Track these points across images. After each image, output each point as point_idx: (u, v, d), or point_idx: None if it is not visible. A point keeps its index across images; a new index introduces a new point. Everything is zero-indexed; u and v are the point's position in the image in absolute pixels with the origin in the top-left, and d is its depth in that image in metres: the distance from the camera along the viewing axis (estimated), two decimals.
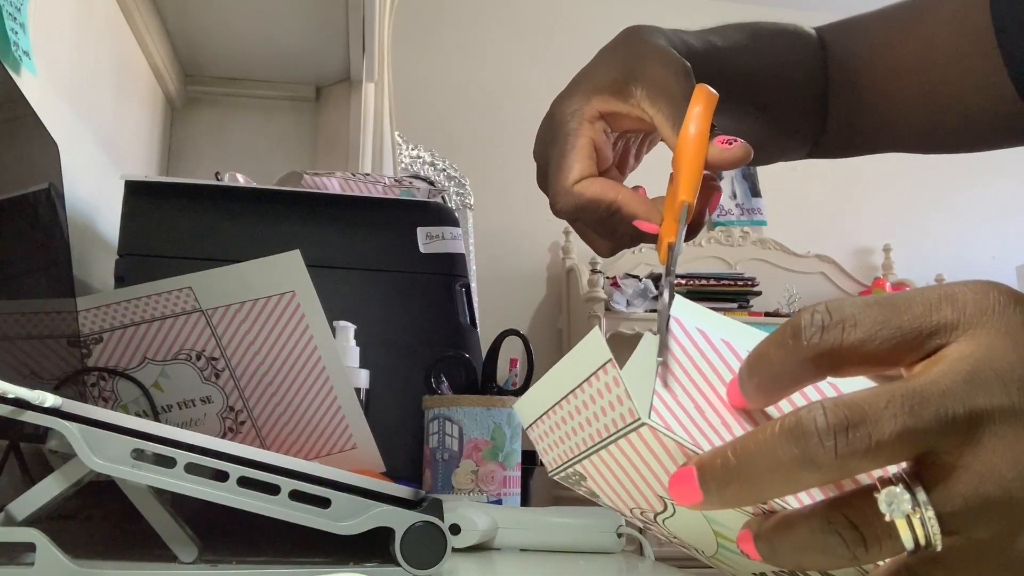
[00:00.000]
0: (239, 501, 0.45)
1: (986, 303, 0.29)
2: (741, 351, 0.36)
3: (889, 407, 0.27)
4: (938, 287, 0.29)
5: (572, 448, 0.36)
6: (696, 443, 0.31)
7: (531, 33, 3.41)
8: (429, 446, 0.80)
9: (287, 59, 1.53)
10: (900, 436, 0.26)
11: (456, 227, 1.00)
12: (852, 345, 0.29)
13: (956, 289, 0.29)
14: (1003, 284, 0.29)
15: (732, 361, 0.36)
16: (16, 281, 0.65)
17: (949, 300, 0.29)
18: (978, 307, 0.29)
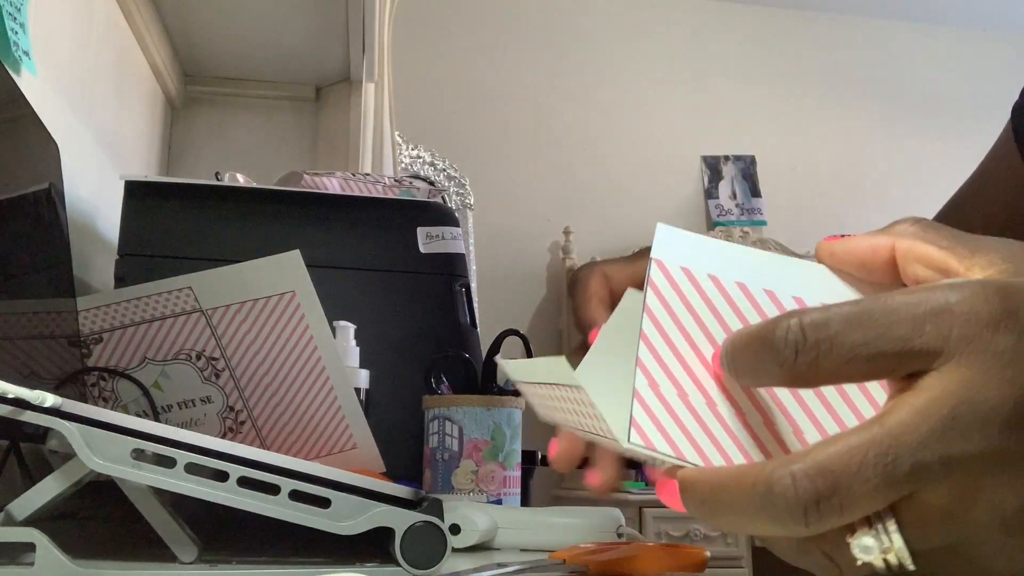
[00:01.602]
0: (239, 501, 0.45)
1: (975, 324, 0.27)
2: (728, 286, 0.34)
3: (862, 471, 0.26)
4: (931, 294, 0.27)
5: (562, 418, 0.36)
6: (681, 455, 0.31)
7: (531, 33, 3.41)
8: (429, 446, 0.80)
9: (287, 59, 1.53)
10: (872, 497, 0.26)
11: (456, 227, 1.00)
12: (827, 370, 0.28)
13: (947, 300, 0.27)
14: (999, 289, 0.27)
15: (719, 302, 0.34)
16: (16, 281, 0.65)
17: (936, 318, 0.27)
18: (965, 331, 0.27)
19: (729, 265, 0.35)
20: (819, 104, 3.53)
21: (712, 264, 0.35)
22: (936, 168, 3.44)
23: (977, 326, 0.26)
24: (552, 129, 3.32)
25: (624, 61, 3.42)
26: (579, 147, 3.30)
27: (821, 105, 3.53)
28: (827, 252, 0.35)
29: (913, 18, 3.64)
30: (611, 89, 3.39)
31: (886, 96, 3.59)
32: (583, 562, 0.50)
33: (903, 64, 3.64)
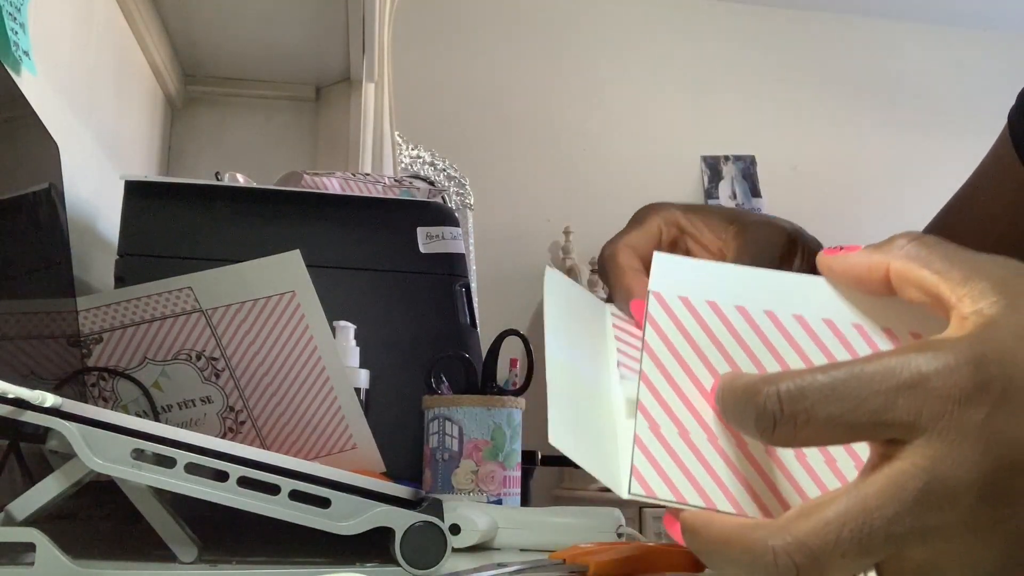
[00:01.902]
0: (239, 501, 0.45)
1: (946, 401, 0.27)
2: (728, 311, 0.34)
3: (839, 546, 0.27)
4: (906, 363, 0.28)
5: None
6: (682, 499, 0.32)
7: (531, 33, 3.41)
8: (429, 446, 0.80)
9: (287, 59, 1.53)
10: (850, 567, 0.28)
11: (456, 227, 1.00)
12: (805, 437, 0.29)
13: (920, 372, 0.27)
14: (973, 360, 0.27)
15: (718, 330, 0.34)
16: (16, 281, 0.65)
17: (909, 391, 0.27)
18: (935, 408, 0.27)
19: (728, 289, 0.35)
20: (819, 104, 3.53)
21: (710, 290, 0.35)
22: (936, 168, 3.44)
23: (948, 403, 0.27)
24: (552, 129, 3.32)
25: (624, 61, 3.43)
26: (579, 147, 3.30)
27: (821, 105, 3.53)
28: (826, 267, 0.35)
29: (913, 18, 3.64)
30: (611, 89, 3.39)
31: (886, 96, 3.59)
32: (583, 562, 0.50)
33: (903, 64, 3.64)
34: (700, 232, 0.48)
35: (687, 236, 0.49)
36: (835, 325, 0.34)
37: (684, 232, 0.49)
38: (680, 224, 0.49)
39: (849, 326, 0.34)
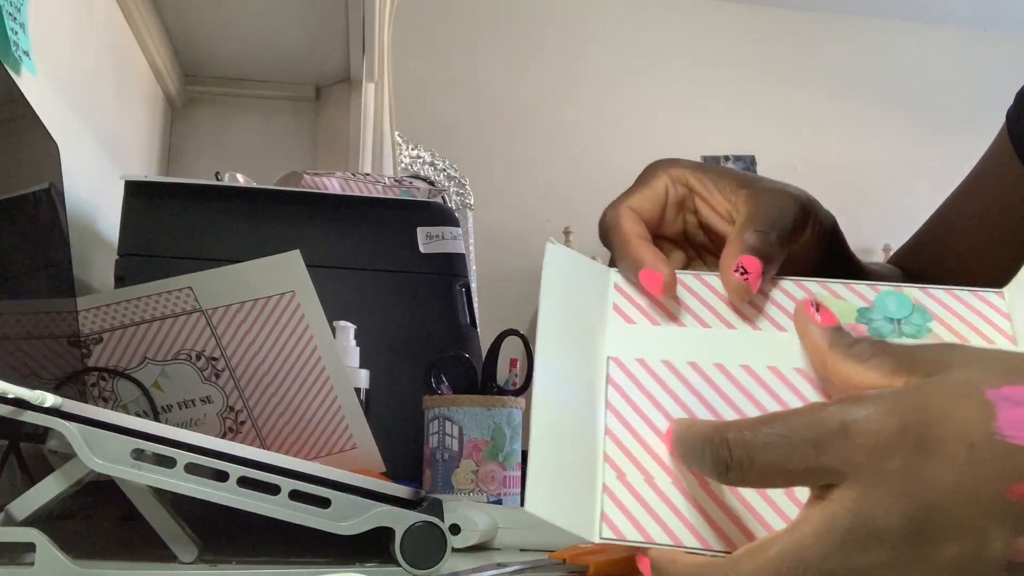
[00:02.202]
0: (239, 501, 0.45)
1: (866, 450, 0.29)
2: (681, 366, 0.38)
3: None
4: (833, 414, 0.30)
5: None
6: (650, 539, 0.35)
7: (532, 33, 3.41)
8: (429, 446, 0.80)
9: (287, 59, 1.53)
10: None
11: (456, 227, 1.00)
12: (752, 481, 0.31)
13: (843, 422, 0.29)
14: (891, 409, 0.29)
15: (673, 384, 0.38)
16: (16, 281, 0.65)
17: (835, 439, 0.29)
18: (857, 456, 0.29)
19: (680, 347, 0.39)
20: (819, 104, 3.53)
21: (665, 350, 0.39)
22: (936, 168, 3.44)
23: (869, 451, 0.29)
24: (552, 129, 3.32)
25: (624, 61, 3.43)
26: (579, 147, 3.30)
27: (821, 105, 3.53)
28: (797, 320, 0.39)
29: (913, 18, 3.64)
30: (611, 89, 3.39)
31: (886, 96, 3.59)
32: (583, 562, 0.50)
33: (903, 64, 3.64)
34: (710, 193, 0.46)
35: (696, 195, 0.46)
36: (779, 371, 0.38)
37: (693, 191, 0.46)
38: (689, 183, 0.46)
39: (792, 371, 0.38)
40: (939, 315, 0.40)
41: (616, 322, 0.41)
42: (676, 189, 0.46)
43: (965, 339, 0.39)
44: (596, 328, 0.40)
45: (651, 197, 0.46)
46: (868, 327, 0.40)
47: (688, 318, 0.40)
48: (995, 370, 0.30)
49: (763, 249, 0.41)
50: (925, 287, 0.41)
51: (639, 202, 0.45)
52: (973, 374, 0.30)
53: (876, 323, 0.40)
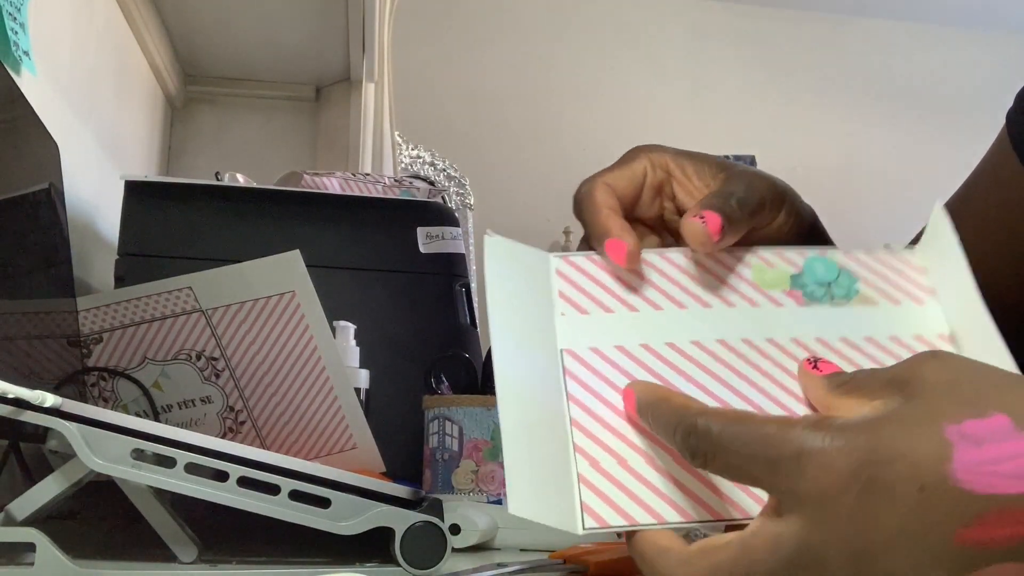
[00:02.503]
0: (239, 501, 0.45)
1: (821, 482, 0.29)
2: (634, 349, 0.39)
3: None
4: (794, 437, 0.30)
5: None
6: (634, 522, 0.35)
7: (531, 33, 3.41)
8: (429, 446, 0.80)
9: (287, 59, 1.53)
10: None
11: (456, 227, 1.00)
12: (716, 470, 0.32)
13: (804, 448, 0.30)
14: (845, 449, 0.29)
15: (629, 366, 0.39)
16: (16, 281, 0.65)
17: (795, 465, 0.30)
18: (810, 487, 0.29)
19: (632, 332, 0.40)
20: (819, 104, 3.53)
21: (616, 336, 0.40)
22: (936, 168, 3.44)
23: (819, 487, 0.29)
24: (552, 129, 3.32)
25: (624, 61, 3.43)
26: (579, 147, 3.30)
27: (821, 105, 3.53)
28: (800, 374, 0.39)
29: (913, 18, 3.64)
30: (611, 89, 3.39)
31: (886, 96, 3.59)
32: (583, 562, 0.50)
33: (903, 64, 3.64)
34: (688, 179, 0.46)
35: (674, 180, 0.47)
36: (728, 343, 0.40)
37: (672, 176, 0.47)
38: (669, 167, 0.46)
39: (739, 342, 0.40)
40: (864, 277, 0.42)
41: (565, 311, 0.41)
42: (655, 173, 0.46)
43: (892, 298, 0.41)
44: (545, 320, 0.41)
45: (628, 176, 0.46)
46: (803, 292, 0.41)
47: (637, 301, 0.41)
48: (962, 397, 0.30)
49: (724, 209, 0.41)
50: (848, 251, 0.43)
51: (615, 179, 0.45)
52: (938, 402, 0.30)
53: (809, 288, 0.42)
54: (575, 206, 0.45)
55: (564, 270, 0.42)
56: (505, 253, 0.42)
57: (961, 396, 0.30)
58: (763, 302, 0.41)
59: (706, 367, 0.39)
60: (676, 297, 0.41)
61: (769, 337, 0.40)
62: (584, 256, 0.43)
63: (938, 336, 0.40)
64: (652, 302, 0.41)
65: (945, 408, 0.29)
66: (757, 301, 0.41)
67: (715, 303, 0.41)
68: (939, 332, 0.40)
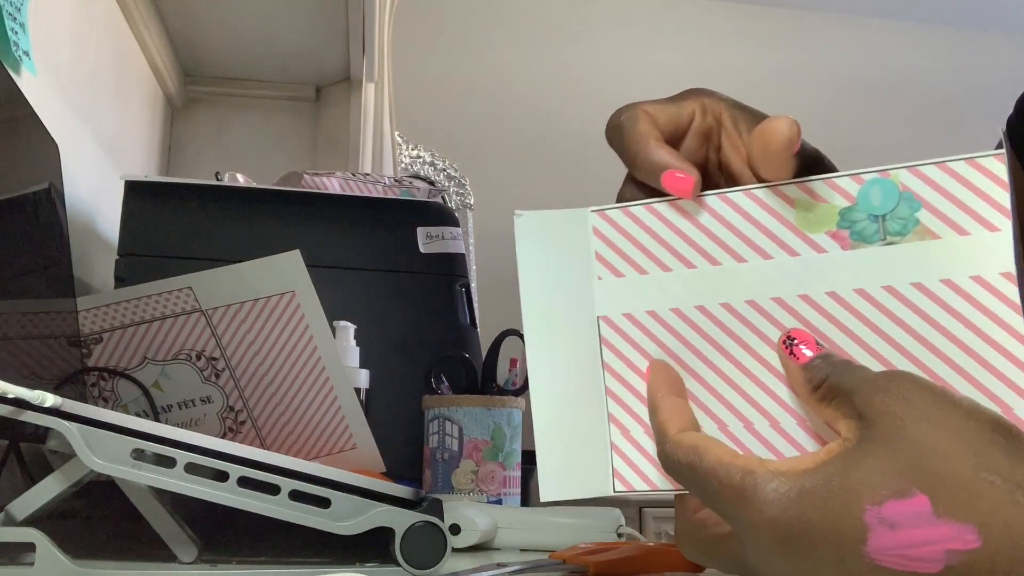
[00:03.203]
0: (239, 501, 0.45)
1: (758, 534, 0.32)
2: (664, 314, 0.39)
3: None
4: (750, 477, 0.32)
5: None
6: (655, 487, 0.37)
7: (532, 33, 3.41)
8: (429, 446, 0.80)
9: (287, 59, 1.53)
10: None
11: (456, 227, 1.00)
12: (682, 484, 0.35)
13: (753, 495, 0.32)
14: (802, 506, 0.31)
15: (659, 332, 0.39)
16: (16, 281, 0.65)
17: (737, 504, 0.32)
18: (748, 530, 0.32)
19: (663, 296, 0.39)
20: (818, 104, 3.53)
21: (648, 301, 0.39)
22: None
23: (755, 534, 0.32)
24: (552, 129, 3.32)
25: (624, 60, 3.43)
26: (579, 147, 3.30)
27: (820, 105, 3.53)
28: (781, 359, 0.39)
29: (913, 18, 3.64)
30: (611, 89, 3.39)
31: (886, 96, 3.59)
32: (583, 562, 0.50)
33: (902, 64, 3.64)
34: (740, 133, 0.42)
35: (724, 131, 0.43)
36: (757, 304, 0.37)
37: (722, 126, 0.43)
38: (721, 116, 0.43)
39: (768, 301, 0.37)
40: (929, 200, 0.36)
41: (602, 275, 0.40)
42: (705, 119, 0.43)
43: (959, 226, 0.35)
44: (583, 287, 0.40)
45: (674, 113, 0.42)
46: (850, 232, 0.37)
47: (672, 260, 0.39)
48: (895, 464, 0.30)
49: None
50: (914, 165, 0.37)
51: (660, 111, 0.42)
52: (870, 469, 0.30)
53: (859, 224, 0.37)
54: (612, 134, 0.42)
55: (601, 227, 0.41)
56: (538, 227, 0.42)
57: (894, 463, 0.30)
58: (804, 249, 0.37)
59: (735, 334, 0.38)
60: (711, 252, 0.39)
61: (803, 293, 0.37)
62: (620, 210, 0.40)
63: (1000, 275, 0.34)
64: (686, 259, 0.39)
65: (873, 479, 0.30)
66: (798, 249, 0.37)
67: (750, 255, 0.38)
68: (1001, 268, 0.34)
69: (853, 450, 0.31)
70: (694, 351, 0.38)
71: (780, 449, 0.36)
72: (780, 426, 0.36)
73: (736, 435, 0.37)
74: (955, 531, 0.29)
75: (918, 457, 0.30)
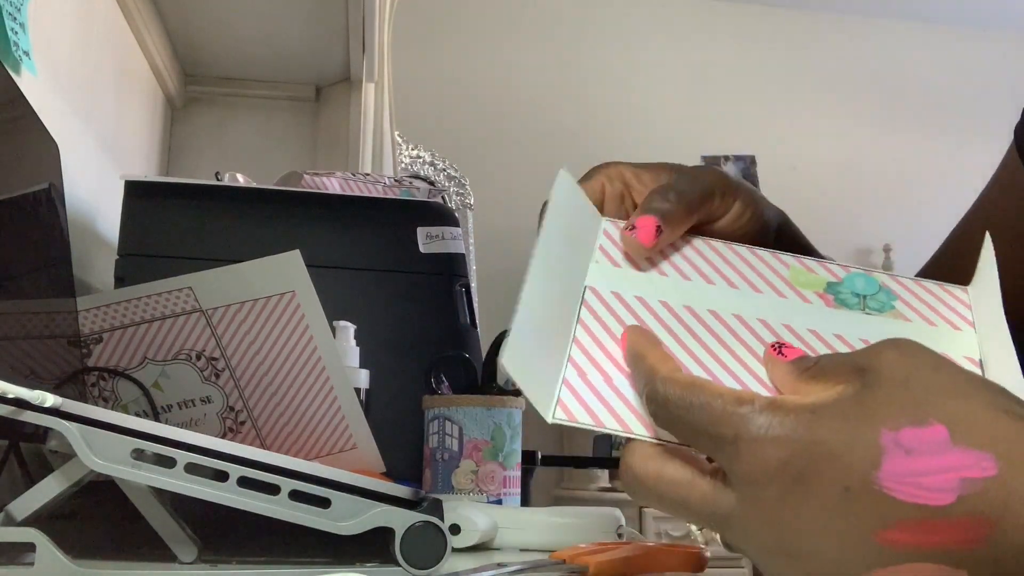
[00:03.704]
0: (239, 501, 0.45)
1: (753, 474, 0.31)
2: (653, 303, 0.41)
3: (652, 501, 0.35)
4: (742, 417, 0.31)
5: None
6: (600, 424, 0.37)
7: (532, 33, 3.41)
8: (429, 446, 0.80)
9: (287, 59, 1.53)
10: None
11: (456, 227, 1.00)
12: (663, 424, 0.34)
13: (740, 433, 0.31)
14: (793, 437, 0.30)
15: (644, 315, 0.41)
16: (16, 281, 0.65)
17: (731, 447, 0.31)
18: (743, 473, 0.31)
19: (654, 289, 0.42)
20: (819, 104, 3.53)
21: (639, 289, 0.42)
22: (936, 168, 3.44)
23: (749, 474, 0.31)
24: (552, 129, 3.32)
25: (624, 61, 3.43)
26: (579, 147, 3.30)
27: (821, 105, 3.53)
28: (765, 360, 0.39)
29: (913, 18, 3.64)
30: (611, 89, 3.39)
31: (886, 96, 3.59)
32: (583, 562, 0.50)
33: (903, 64, 3.64)
34: (645, 185, 0.47)
35: (632, 190, 0.48)
36: (743, 319, 0.40)
37: (628, 186, 0.48)
38: (626, 179, 0.48)
39: (755, 320, 0.40)
40: (904, 298, 0.42)
41: (600, 260, 0.43)
42: (613, 185, 0.48)
43: (927, 319, 0.41)
44: (581, 262, 0.43)
45: (588, 191, 0.48)
46: (835, 298, 0.42)
47: (670, 269, 0.43)
48: (909, 398, 0.30)
49: (660, 207, 0.43)
50: (894, 275, 0.43)
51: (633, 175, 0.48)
52: (885, 400, 0.30)
53: (843, 295, 0.42)
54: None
55: (611, 232, 0.45)
56: (569, 191, 0.45)
57: (908, 397, 0.30)
58: (791, 296, 0.42)
59: (716, 334, 0.40)
60: (707, 273, 0.43)
61: (787, 323, 0.40)
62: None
63: (964, 358, 0.39)
64: (682, 272, 0.43)
65: (889, 409, 0.30)
66: (785, 294, 0.42)
67: (743, 286, 0.42)
68: (967, 354, 0.39)
69: (862, 390, 0.31)
70: (676, 339, 0.40)
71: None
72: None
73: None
74: (972, 458, 0.28)
75: (934, 392, 0.30)
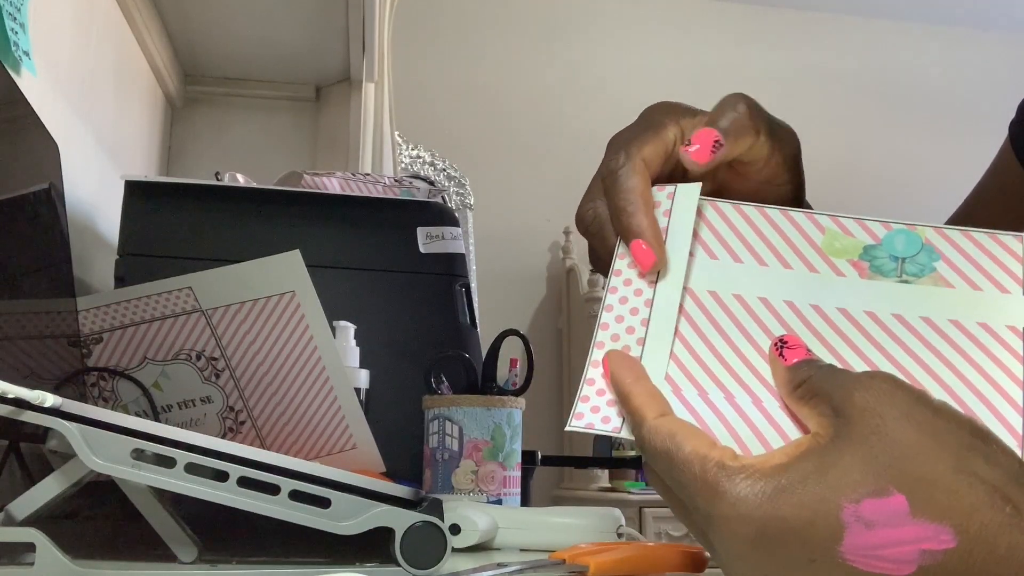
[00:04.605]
0: (239, 501, 0.45)
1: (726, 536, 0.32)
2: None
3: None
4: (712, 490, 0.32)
5: None
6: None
7: (531, 33, 3.41)
8: (429, 446, 0.80)
9: (287, 59, 1.53)
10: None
11: (456, 227, 1.00)
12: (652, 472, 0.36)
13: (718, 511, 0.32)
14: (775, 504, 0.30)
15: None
16: (16, 281, 0.65)
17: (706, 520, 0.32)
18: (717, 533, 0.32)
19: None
20: (819, 104, 3.53)
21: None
22: (936, 168, 3.44)
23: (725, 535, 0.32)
24: (552, 129, 3.32)
25: (624, 61, 3.43)
26: (579, 147, 3.30)
27: (821, 105, 3.53)
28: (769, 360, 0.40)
29: (913, 18, 3.64)
30: (611, 89, 3.39)
31: (886, 96, 3.59)
32: (583, 562, 0.50)
33: (903, 64, 3.64)
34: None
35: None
36: (769, 302, 0.39)
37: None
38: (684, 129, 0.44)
39: (781, 302, 0.39)
40: (948, 255, 0.39)
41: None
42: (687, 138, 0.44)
43: (972, 282, 0.38)
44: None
45: (662, 150, 0.43)
46: (870, 265, 0.40)
47: (697, 248, 0.42)
48: (872, 463, 0.30)
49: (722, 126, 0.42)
50: (941, 227, 0.40)
51: (650, 155, 0.43)
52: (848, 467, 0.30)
53: (879, 260, 0.40)
54: (607, 179, 0.43)
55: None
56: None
57: (871, 463, 0.30)
58: (824, 269, 0.40)
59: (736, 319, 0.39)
60: (735, 250, 0.41)
61: (815, 303, 0.39)
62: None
63: (1007, 327, 0.36)
64: (710, 250, 0.41)
65: (851, 477, 0.30)
66: (817, 267, 0.40)
67: (772, 263, 0.40)
68: (1009, 323, 0.37)
69: (828, 446, 0.31)
70: (691, 324, 0.39)
71: (757, 424, 0.36)
72: (763, 405, 0.37)
73: (716, 404, 0.37)
74: (931, 531, 0.29)
75: (897, 456, 0.30)
